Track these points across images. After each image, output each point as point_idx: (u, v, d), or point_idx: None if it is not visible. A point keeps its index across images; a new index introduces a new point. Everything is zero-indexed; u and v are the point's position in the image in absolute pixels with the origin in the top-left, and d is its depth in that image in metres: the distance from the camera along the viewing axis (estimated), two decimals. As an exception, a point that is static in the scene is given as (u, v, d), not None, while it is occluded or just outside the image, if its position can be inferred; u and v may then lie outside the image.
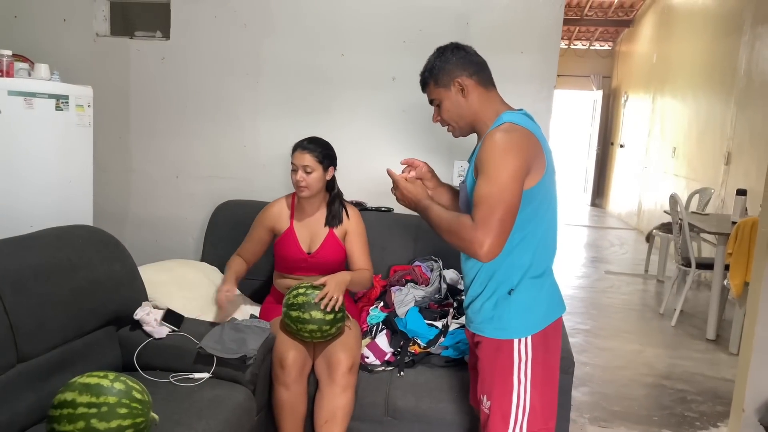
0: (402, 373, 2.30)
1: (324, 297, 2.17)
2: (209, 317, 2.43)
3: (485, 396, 1.70)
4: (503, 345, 1.66)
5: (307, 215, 2.47)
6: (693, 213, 5.05)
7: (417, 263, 2.80)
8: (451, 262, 2.73)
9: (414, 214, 1.84)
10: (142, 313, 2.19)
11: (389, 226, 2.89)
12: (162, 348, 2.16)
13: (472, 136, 1.77)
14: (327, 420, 2.14)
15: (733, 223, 3.95)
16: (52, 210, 2.67)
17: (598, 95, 11.48)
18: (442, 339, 2.39)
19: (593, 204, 11.46)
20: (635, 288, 5.62)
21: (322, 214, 2.48)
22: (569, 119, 12.48)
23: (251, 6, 3.09)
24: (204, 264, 2.87)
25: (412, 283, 2.66)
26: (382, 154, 3.08)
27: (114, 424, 1.54)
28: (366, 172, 3.07)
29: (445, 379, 2.26)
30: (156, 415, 1.67)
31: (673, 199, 4.49)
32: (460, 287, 2.64)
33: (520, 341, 1.65)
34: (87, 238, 2.21)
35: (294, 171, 2.37)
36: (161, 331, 2.18)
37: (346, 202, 2.55)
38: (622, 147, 10.08)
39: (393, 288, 2.65)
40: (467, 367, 2.03)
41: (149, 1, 3.45)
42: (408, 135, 3.05)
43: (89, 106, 2.85)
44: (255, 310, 2.65)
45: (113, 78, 3.23)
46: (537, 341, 1.66)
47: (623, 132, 10.18)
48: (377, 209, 3.00)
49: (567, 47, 11.65)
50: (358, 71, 3.06)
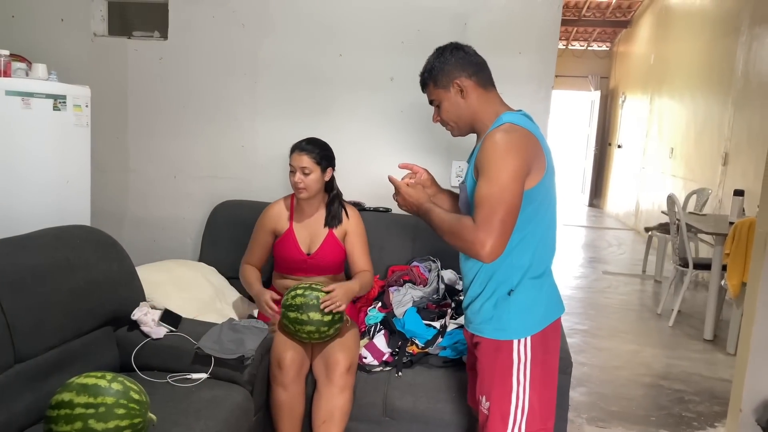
0: (400, 374, 2.30)
1: (327, 300, 2.17)
2: (207, 317, 2.42)
3: (484, 396, 1.70)
4: (503, 345, 1.66)
5: (307, 216, 2.46)
6: (690, 213, 5.06)
7: (415, 263, 2.80)
8: (450, 262, 2.73)
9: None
10: (139, 314, 2.19)
11: (387, 226, 2.89)
12: (160, 348, 2.16)
13: (471, 136, 1.77)
14: (325, 420, 2.14)
15: (731, 224, 3.96)
16: (49, 210, 2.66)
17: (595, 96, 11.51)
18: (440, 339, 2.39)
19: (591, 204, 11.48)
20: (633, 288, 5.62)
21: (321, 214, 2.47)
22: (567, 120, 12.49)
23: (249, 6, 3.09)
24: (202, 264, 2.87)
25: (410, 284, 2.66)
26: (380, 154, 3.09)
27: (112, 424, 1.54)
28: (364, 172, 3.07)
29: (443, 380, 2.26)
30: (154, 416, 1.66)
31: (671, 200, 4.50)
32: (458, 287, 2.65)
33: (519, 342, 1.65)
34: (85, 238, 2.20)
35: (292, 172, 2.36)
36: (159, 332, 2.18)
37: (345, 202, 2.54)
38: (619, 147, 10.10)
39: (391, 288, 2.65)
40: (465, 368, 2.03)
41: (147, 1, 3.45)
42: (406, 135, 3.05)
43: (87, 106, 2.84)
44: (253, 310, 2.65)
45: (111, 78, 3.23)
46: (536, 342, 1.66)
47: (621, 132, 10.19)
48: (375, 209, 3.00)
49: (565, 48, 11.67)
50: (356, 71, 3.06)
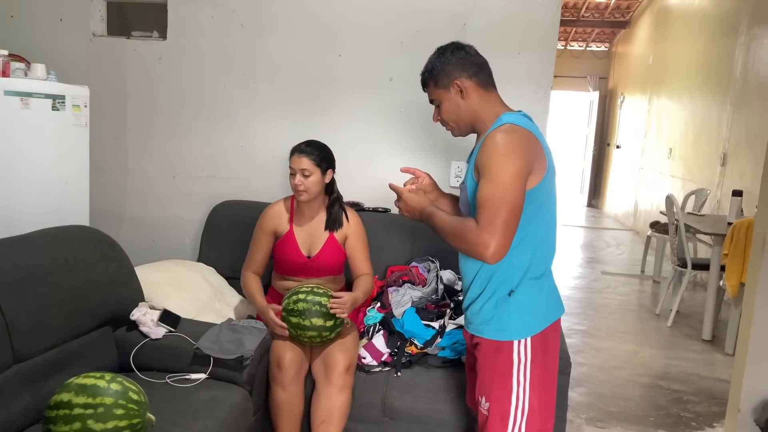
0: (399, 374, 2.30)
1: (336, 304, 2.18)
2: (206, 318, 2.42)
3: (484, 397, 1.70)
4: (503, 346, 1.66)
5: (307, 219, 2.45)
6: (689, 214, 5.06)
7: (414, 264, 2.80)
8: (448, 262, 2.73)
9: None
10: (138, 314, 2.19)
11: (386, 226, 2.89)
12: (159, 349, 2.16)
13: (470, 136, 1.77)
14: (324, 420, 2.15)
15: (729, 224, 3.96)
16: (48, 210, 2.66)
17: (594, 96, 11.52)
18: (439, 340, 2.39)
19: (589, 205, 11.49)
20: (631, 288, 5.63)
21: (321, 217, 2.46)
22: (566, 120, 12.51)
23: (248, 6, 3.09)
24: (201, 264, 2.87)
25: (409, 284, 2.66)
26: (379, 154, 3.09)
27: (110, 425, 1.54)
28: (363, 172, 3.07)
29: (442, 380, 2.26)
30: (153, 416, 1.66)
31: (670, 200, 4.50)
32: (457, 288, 2.65)
33: (519, 342, 1.65)
34: (83, 238, 2.20)
35: (292, 175, 2.34)
36: (158, 332, 2.18)
37: (346, 205, 2.53)
38: (618, 148, 10.10)
39: (390, 288, 2.65)
40: (464, 368, 2.03)
41: (146, 1, 3.44)
42: (405, 135, 3.05)
43: (86, 106, 2.84)
44: (252, 310, 2.65)
45: (110, 78, 3.22)
46: (536, 342, 1.66)
47: (619, 133, 10.20)
48: (374, 210, 3.00)
49: (563, 48, 11.68)
50: (355, 72, 3.06)
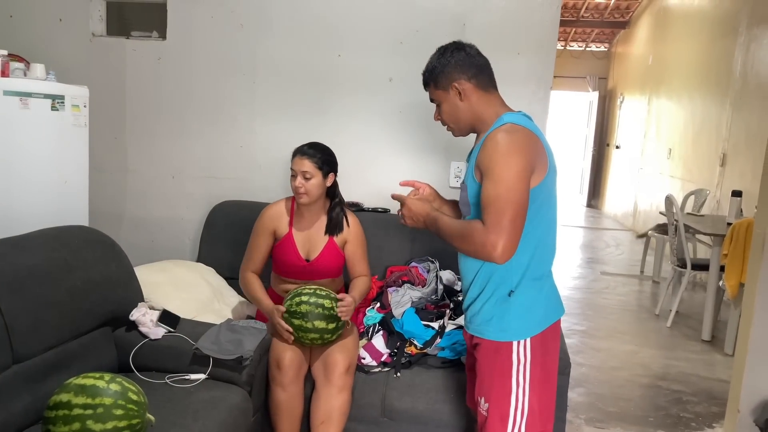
0: (398, 374, 2.30)
1: (343, 309, 2.19)
2: (205, 318, 2.42)
3: (483, 398, 1.70)
4: (502, 347, 1.66)
5: (307, 222, 2.42)
6: (688, 214, 5.06)
7: (414, 264, 2.80)
8: (448, 262, 2.73)
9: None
10: (138, 314, 2.19)
11: (386, 226, 2.89)
12: (158, 349, 2.15)
13: (470, 135, 1.77)
14: (323, 421, 2.14)
15: (729, 225, 3.96)
16: (47, 210, 2.66)
17: (594, 96, 11.52)
18: (438, 340, 2.39)
19: (589, 205, 11.49)
20: (631, 289, 5.63)
21: (321, 221, 2.42)
22: (565, 120, 12.51)
23: (248, 6, 3.09)
24: (200, 265, 2.86)
25: (408, 284, 2.66)
26: (379, 154, 3.09)
27: (110, 425, 1.54)
28: (363, 172, 3.07)
29: (442, 380, 2.26)
30: (152, 417, 1.66)
31: (669, 201, 4.50)
32: (456, 288, 2.65)
33: (519, 343, 1.65)
34: (83, 238, 2.20)
35: (293, 176, 2.31)
36: (157, 332, 2.17)
37: (347, 209, 2.50)
38: (617, 148, 10.11)
39: (390, 289, 2.65)
40: (464, 368, 2.03)
41: (146, 1, 3.44)
42: (405, 136, 3.05)
43: (85, 106, 2.84)
44: (252, 310, 2.65)
45: (109, 78, 3.22)
46: (536, 343, 1.66)
47: (619, 133, 10.21)
48: (374, 210, 3.00)
49: (563, 48, 11.68)
50: (354, 72, 3.06)
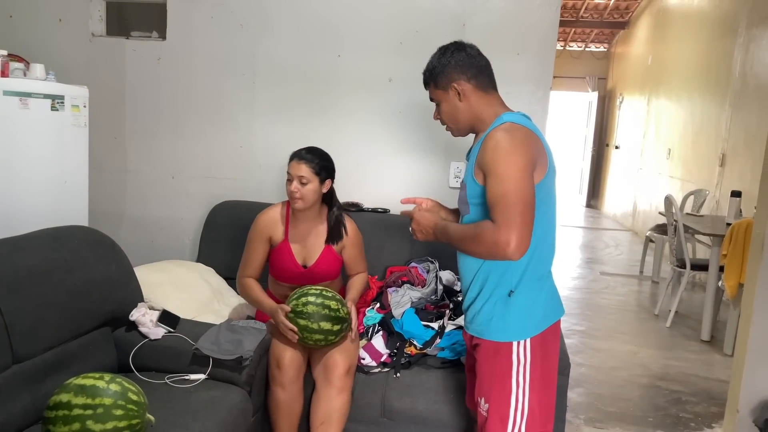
0: (398, 375, 2.30)
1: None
2: (205, 318, 2.42)
3: (483, 398, 1.70)
4: (502, 347, 1.66)
5: (303, 228, 2.37)
6: (688, 214, 5.06)
7: (413, 264, 2.80)
8: (448, 263, 2.73)
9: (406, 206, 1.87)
10: (137, 314, 2.19)
11: (385, 227, 2.89)
12: (158, 349, 2.15)
13: (470, 135, 1.77)
14: (323, 422, 2.14)
15: (728, 225, 3.97)
16: (47, 210, 2.66)
17: (593, 97, 11.52)
18: (438, 340, 2.39)
19: (588, 205, 11.50)
20: (630, 289, 5.63)
21: (318, 226, 2.38)
22: (565, 121, 12.51)
23: (248, 6, 3.09)
24: (200, 265, 2.87)
25: (408, 285, 2.66)
26: (378, 154, 3.09)
27: (110, 425, 1.54)
28: (362, 172, 3.07)
29: (441, 381, 2.26)
30: (152, 417, 1.66)
31: (668, 201, 4.50)
32: (456, 288, 2.65)
33: (519, 344, 1.65)
34: (82, 238, 2.20)
35: (289, 181, 2.27)
36: (157, 332, 2.17)
37: (344, 213, 2.46)
38: (617, 148, 10.11)
39: (389, 289, 2.65)
40: (463, 369, 2.03)
41: (145, 2, 3.44)
42: (405, 136, 3.05)
43: (85, 106, 2.84)
44: (251, 310, 2.65)
45: (109, 78, 3.22)
46: (536, 344, 1.66)
47: (618, 133, 10.21)
48: (373, 210, 3.01)
49: (562, 49, 11.69)
50: (354, 72, 3.06)
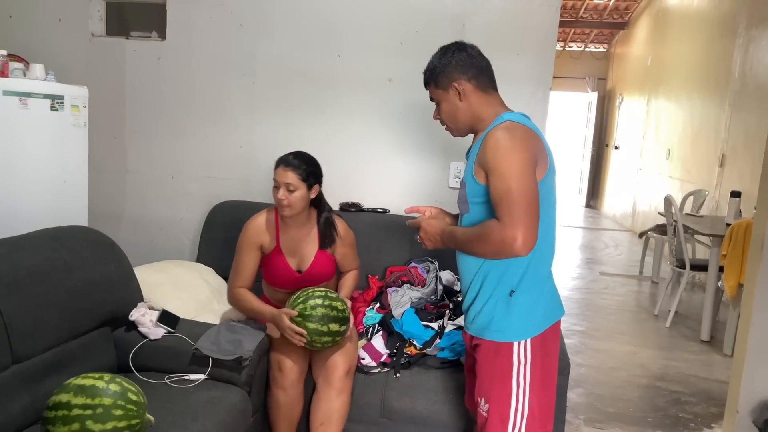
0: (398, 375, 2.30)
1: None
2: (205, 318, 2.42)
3: (483, 399, 1.70)
4: (502, 348, 1.66)
5: (294, 234, 2.33)
6: (687, 215, 5.06)
7: (413, 264, 2.80)
8: (447, 263, 2.74)
9: (410, 215, 1.88)
10: (137, 314, 2.19)
11: (385, 227, 2.89)
12: (157, 349, 2.15)
13: (470, 135, 1.77)
14: (323, 422, 2.14)
15: (728, 225, 3.97)
16: (47, 210, 2.66)
17: (593, 97, 11.53)
18: (438, 340, 2.39)
19: (588, 205, 11.50)
20: (630, 289, 5.63)
21: (309, 232, 2.34)
22: (564, 121, 12.51)
23: (248, 7, 3.09)
24: (199, 265, 2.87)
25: (408, 285, 2.66)
26: (378, 155, 3.09)
27: (109, 425, 1.54)
28: (362, 173, 3.07)
29: (441, 381, 2.26)
30: (151, 417, 1.66)
31: (668, 201, 4.51)
32: (456, 288, 2.65)
33: (519, 344, 1.65)
34: (82, 238, 2.20)
35: (276, 188, 2.20)
36: (157, 332, 2.17)
37: (334, 215, 2.41)
38: (616, 149, 10.12)
39: (389, 289, 2.65)
40: (463, 369, 2.03)
41: (145, 2, 3.44)
42: (404, 136, 3.05)
43: (84, 106, 2.84)
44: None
45: (109, 78, 3.22)
46: (536, 344, 1.66)
47: (618, 134, 10.21)
48: (373, 210, 3.01)
49: (562, 49, 11.69)
50: (354, 72, 3.06)
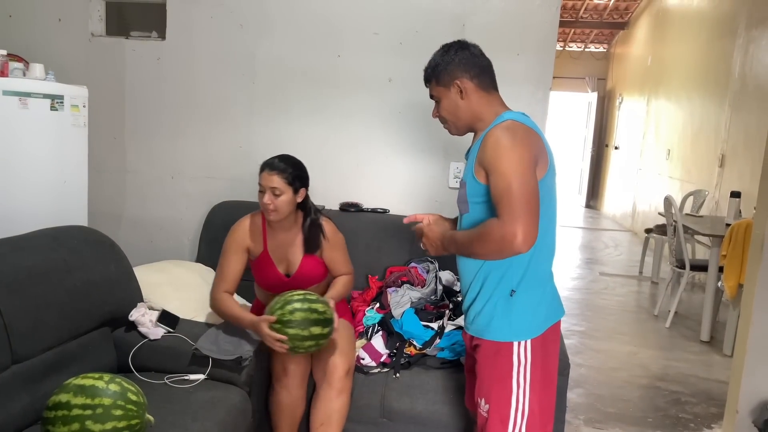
0: (398, 375, 2.30)
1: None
2: (205, 318, 2.42)
3: (483, 399, 1.69)
4: (502, 348, 1.66)
5: (281, 238, 2.28)
6: (687, 215, 5.06)
7: (413, 264, 2.80)
8: (447, 263, 2.73)
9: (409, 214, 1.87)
10: (137, 314, 2.19)
11: (385, 227, 2.89)
12: (157, 349, 2.16)
13: (469, 135, 1.77)
14: (323, 423, 2.15)
15: (727, 225, 3.97)
16: (46, 210, 2.66)
17: (593, 97, 11.53)
18: (437, 340, 2.39)
19: (588, 206, 11.50)
20: (630, 290, 5.63)
21: (296, 235, 2.28)
22: (564, 121, 12.51)
23: (247, 7, 3.09)
24: (199, 265, 2.86)
25: (408, 285, 2.66)
26: (378, 155, 3.09)
27: (109, 425, 1.54)
28: (362, 173, 3.07)
29: (441, 381, 2.26)
30: (151, 417, 1.66)
31: (668, 201, 4.51)
32: (456, 288, 2.65)
33: (519, 344, 1.64)
34: (82, 238, 2.20)
35: (261, 192, 2.16)
36: (156, 333, 2.18)
37: (321, 216, 2.34)
38: (616, 149, 10.12)
39: (389, 289, 2.65)
40: (463, 369, 2.03)
41: (145, 1, 3.44)
42: (404, 136, 3.05)
43: (84, 106, 2.84)
44: (246, 308, 2.64)
45: (108, 78, 3.22)
46: (536, 345, 1.65)
47: (618, 134, 10.22)
48: (373, 210, 3.01)
49: (562, 49, 11.69)
50: (354, 72, 3.06)
